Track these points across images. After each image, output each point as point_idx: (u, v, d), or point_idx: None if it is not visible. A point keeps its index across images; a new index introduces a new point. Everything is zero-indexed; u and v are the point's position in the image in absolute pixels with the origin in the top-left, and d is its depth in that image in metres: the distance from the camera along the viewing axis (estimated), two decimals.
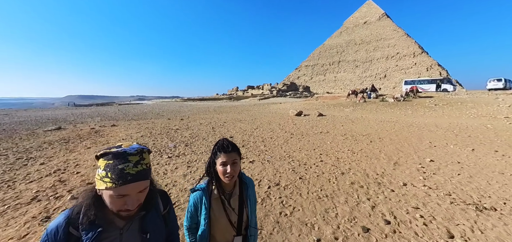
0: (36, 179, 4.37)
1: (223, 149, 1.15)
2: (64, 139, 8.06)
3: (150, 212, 0.93)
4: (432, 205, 2.95)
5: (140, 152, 0.84)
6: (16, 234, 2.57)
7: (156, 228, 0.95)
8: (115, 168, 0.77)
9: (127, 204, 0.80)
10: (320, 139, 7.60)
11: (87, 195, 0.84)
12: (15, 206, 3.26)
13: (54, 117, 16.54)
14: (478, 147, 6.03)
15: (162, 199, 1.03)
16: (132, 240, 0.88)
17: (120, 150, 0.81)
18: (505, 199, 3.07)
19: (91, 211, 0.81)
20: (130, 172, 0.78)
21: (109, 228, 0.84)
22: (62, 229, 0.80)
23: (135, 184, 0.79)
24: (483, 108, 16.48)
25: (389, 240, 2.25)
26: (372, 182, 3.75)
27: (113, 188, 0.76)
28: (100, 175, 0.79)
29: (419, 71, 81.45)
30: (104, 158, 0.80)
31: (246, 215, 1.26)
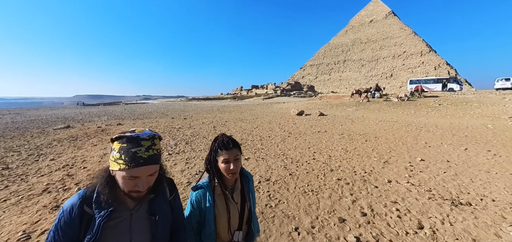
0: (46, 173, 4.72)
1: (224, 146, 1.15)
2: (72, 137, 8.49)
3: (158, 196, 0.98)
4: (410, 200, 3.12)
5: (152, 138, 0.89)
6: (29, 220, 2.89)
7: (163, 212, 0.99)
8: (128, 151, 0.83)
9: (138, 185, 0.85)
10: (316, 138, 7.77)
11: (101, 175, 0.90)
12: (28, 197, 3.59)
13: (63, 116, 17.19)
14: (472, 146, 6.10)
15: (169, 186, 1.07)
16: (141, 221, 0.93)
17: (134, 134, 0.86)
18: (483, 195, 3.22)
19: (105, 190, 0.86)
20: (142, 156, 0.84)
21: (120, 208, 0.89)
22: (77, 207, 0.85)
23: (146, 167, 0.85)
24: (489, 108, 16.26)
25: (362, 230, 2.45)
26: (359, 179, 3.93)
27: (126, 170, 0.82)
28: (115, 157, 0.85)
29: (426, 71, 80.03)
30: (118, 141, 0.85)
31: (248, 209, 1.27)
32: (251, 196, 1.30)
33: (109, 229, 0.86)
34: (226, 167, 1.13)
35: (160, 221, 0.96)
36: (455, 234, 2.36)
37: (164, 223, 0.99)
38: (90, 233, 0.83)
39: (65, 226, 0.83)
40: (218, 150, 1.15)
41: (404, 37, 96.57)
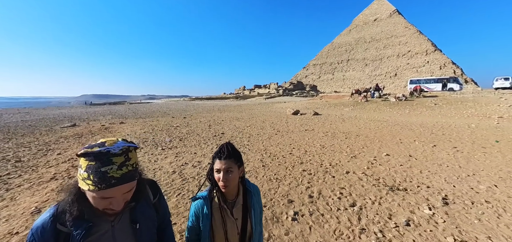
0: (54, 165, 5.41)
1: (219, 155, 1.09)
2: (77, 134, 9.24)
3: (139, 202, 0.91)
4: (357, 186, 3.66)
5: (125, 151, 0.79)
6: (39, 200, 3.54)
7: (146, 218, 0.94)
8: (97, 171, 0.73)
9: (112, 204, 0.76)
10: (301, 135, 8.31)
11: (70, 191, 0.80)
12: (39, 183, 4.27)
13: (70, 115, 18.14)
14: (442, 143, 6.55)
15: (151, 189, 1.01)
16: (124, 230, 0.87)
17: (103, 149, 0.75)
18: (421, 183, 3.73)
19: (74, 207, 0.77)
20: (114, 176, 0.74)
21: (99, 221, 0.82)
22: (49, 226, 0.77)
23: (119, 187, 0.76)
24: (483, 108, 16.45)
25: (303, 207, 3.01)
26: (322, 170, 4.48)
27: (96, 191, 0.73)
28: (82, 176, 0.75)
29: (431, 70, 79.21)
30: (85, 157, 0.74)
31: (250, 226, 1.19)
32: (254, 212, 1.21)
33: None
34: (217, 176, 1.09)
35: (144, 228, 0.91)
36: (377, 211, 2.89)
37: (148, 228, 0.94)
38: None
39: None
40: (214, 157, 1.11)
41: (409, 36, 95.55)
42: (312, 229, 2.55)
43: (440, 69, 77.50)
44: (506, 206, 2.95)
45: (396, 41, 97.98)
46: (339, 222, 2.66)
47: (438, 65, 79.56)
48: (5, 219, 2.98)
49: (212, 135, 8.85)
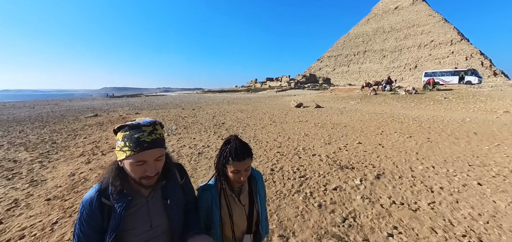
0: (81, 146, 6.71)
1: (237, 156, 1.08)
2: (99, 123, 10.72)
3: (169, 181, 1.03)
4: (314, 165, 4.45)
5: (152, 124, 0.92)
6: (73, 168, 4.75)
7: (175, 196, 1.05)
8: (131, 137, 0.86)
9: (146, 170, 0.88)
10: (293, 125, 9.08)
11: (111, 168, 0.95)
12: (71, 157, 5.52)
13: (92, 106, 20.19)
14: (419, 135, 7.03)
15: (179, 171, 1.13)
16: (157, 206, 0.99)
17: (135, 122, 0.90)
18: (370, 164, 4.44)
19: (116, 181, 0.91)
20: (146, 140, 0.86)
21: (136, 196, 0.95)
22: (95, 200, 0.90)
23: (151, 151, 0.87)
24: (494, 102, 15.98)
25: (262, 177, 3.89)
26: (293, 153, 5.30)
27: (132, 155, 0.85)
28: (119, 146, 0.88)
29: (456, 61, 74.47)
30: (121, 130, 0.89)
31: (256, 211, 1.24)
32: (259, 197, 1.26)
33: (130, 216, 0.92)
34: (235, 177, 1.11)
35: (173, 204, 1.02)
36: (318, 181, 3.70)
37: (177, 206, 1.05)
38: (113, 222, 0.89)
39: (88, 218, 0.89)
40: (229, 158, 1.09)
41: (433, 24, 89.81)
42: None
43: (466, 61, 72.57)
44: (425, 180, 3.63)
45: (418, 30, 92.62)
46: (284, 186, 3.53)
47: (463, 56, 74.49)
48: (52, 178, 4.19)
49: (213, 124, 9.89)
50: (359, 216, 2.67)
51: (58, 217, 2.87)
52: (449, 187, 3.41)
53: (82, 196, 3.49)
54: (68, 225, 2.70)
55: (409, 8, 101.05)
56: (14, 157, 5.61)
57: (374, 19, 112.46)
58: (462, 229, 2.42)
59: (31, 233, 2.57)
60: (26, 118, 12.66)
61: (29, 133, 8.59)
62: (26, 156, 5.69)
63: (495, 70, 67.45)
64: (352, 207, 2.88)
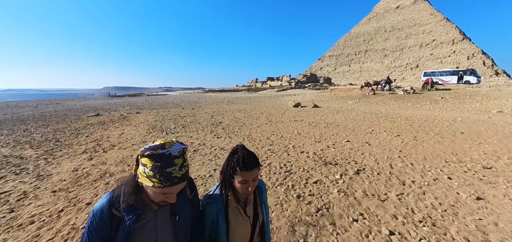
0: (83, 144, 7.06)
1: (245, 166, 1.06)
2: (101, 122, 11.08)
3: (179, 197, 1.01)
4: (301, 161, 4.76)
5: (182, 153, 0.92)
6: (76, 164, 5.09)
7: (184, 211, 1.06)
8: (163, 171, 0.86)
9: (168, 198, 0.90)
10: (288, 125, 9.38)
11: (128, 183, 0.95)
12: (74, 154, 5.87)
13: (94, 106, 20.61)
14: (406, 134, 7.31)
15: (189, 186, 1.12)
16: (165, 221, 1.00)
17: (166, 152, 0.88)
18: (353, 161, 4.73)
19: (131, 198, 0.92)
20: (177, 176, 0.88)
21: (146, 210, 0.96)
22: (106, 210, 0.92)
23: (179, 185, 0.91)
24: (490, 102, 16.17)
25: None
26: (282, 150, 5.62)
27: (160, 188, 0.87)
28: (148, 174, 0.87)
29: (458, 61, 74.29)
30: (151, 159, 0.86)
31: (262, 221, 1.25)
32: (265, 209, 1.28)
33: (138, 229, 0.93)
34: (243, 187, 1.08)
35: (181, 221, 1.04)
36: (302, 175, 4.01)
37: (185, 222, 1.06)
38: (121, 234, 0.91)
39: (97, 227, 0.91)
40: (237, 168, 1.07)
41: (434, 24, 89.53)
42: None
43: (467, 60, 72.39)
44: (400, 176, 3.93)
45: (419, 29, 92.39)
46: (269, 179, 3.84)
47: (465, 56, 74.27)
48: (56, 173, 4.53)
49: (211, 123, 10.22)
50: (332, 207, 2.97)
51: (64, 206, 3.20)
52: (420, 181, 3.70)
53: (84, 188, 3.82)
54: (73, 212, 3.03)
55: (410, 7, 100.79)
56: (20, 154, 5.97)
57: (376, 18, 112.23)
58: (420, 216, 2.71)
59: (40, 219, 2.90)
60: (29, 118, 13.03)
61: (33, 132, 8.96)
62: (31, 153, 6.04)
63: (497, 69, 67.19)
64: (328, 199, 3.19)
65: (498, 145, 5.70)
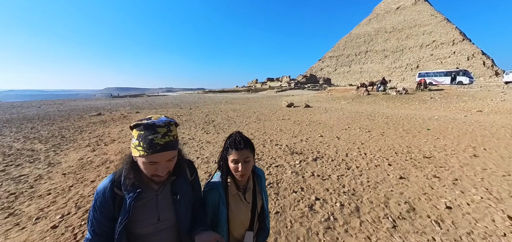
0: (87, 139, 7.90)
1: (235, 145, 1.15)
2: (102, 121, 11.96)
3: (179, 177, 1.08)
4: (272, 151, 5.55)
5: (167, 124, 0.95)
6: (81, 154, 5.93)
7: (184, 192, 1.10)
8: (146, 138, 0.89)
9: (157, 170, 0.93)
10: (274, 123, 10.17)
11: (125, 161, 1.01)
12: (78, 148, 6.71)
13: (96, 106, 21.57)
14: (377, 130, 8.06)
15: (189, 168, 1.17)
16: (166, 200, 1.04)
17: (150, 121, 0.92)
18: (316, 151, 5.52)
19: (130, 174, 0.97)
20: (159, 142, 0.90)
21: (146, 190, 1.00)
22: (108, 189, 0.97)
23: (163, 153, 0.91)
24: (475, 102, 16.81)
25: None
26: (261, 143, 6.42)
27: (145, 156, 0.90)
28: (134, 144, 0.92)
29: (458, 61, 74.66)
30: (136, 128, 0.92)
31: (262, 207, 1.31)
32: (264, 196, 1.33)
33: (139, 208, 0.98)
34: (234, 167, 1.15)
35: (182, 200, 1.07)
36: (267, 161, 4.80)
37: (186, 202, 1.10)
38: (123, 212, 0.95)
39: (101, 205, 0.96)
40: (229, 148, 1.17)
41: (435, 24, 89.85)
42: None
43: (468, 60, 72.78)
44: (349, 162, 4.70)
45: (420, 30, 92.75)
46: None
47: (465, 56, 74.61)
48: (65, 162, 5.38)
49: (204, 121, 11.05)
50: (281, 183, 3.77)
51: (73, 183, 4.03)
52: (364, 166, 4.48)
53: (89, 171, 4.65)
54: (80, 186, 3.86)
55: (411, 8, 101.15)
56: (31, 147, 6.82)
57: (376, 19, 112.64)
58: (346, 189, 3.49)
59: (55, 191, 3.72)
60: (35, 117, 13.86)
61: (40, 129, 9.82)
62: (41, 147, 6.89)
63: (497, 70, 67.43)
64: (281, 177, 3.98)
65: (452, 140, 6.45)
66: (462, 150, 5.43)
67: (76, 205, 3.24)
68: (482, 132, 7.44)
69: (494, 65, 69.72)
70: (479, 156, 4.93)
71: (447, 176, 3.91)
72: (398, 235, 2.40)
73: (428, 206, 2.94)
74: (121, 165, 1.03)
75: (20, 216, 2.97)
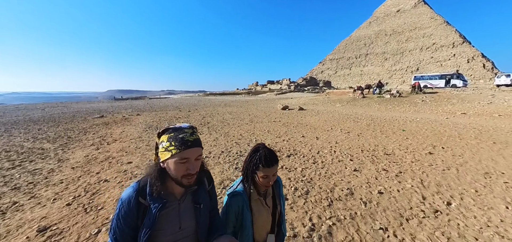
0: (91, 139, 8.70)
1: (266, 163, 1.21)
2: (105, 123, 12.79)
3: (200, 187, 1.14)
4: None
5: (191, 127, 1.05)
6: (87, 152, 6.71)
7: (204, 201, 1.15)
8: (177, 137, 0.98)
9: (189, 168, 0.98)
10: (264, 125, 10.91)
11: (152, 169, 1.04)
12: (84, 146, 7.51)
13: (99, 108, 22.49)
14: (356, 131, 8.77)
15: (207, 178, 1.22)
16: (188, 209, 1.09)
17: (177, 126, 1.03)
18: (292, 148, 6.25)
19: (157, 182, 1.00)
20: (189, 139, 0.99)
21: (170, 198, 1.05)
22: (133, 199, 1.00)
23: (194, 149, 0.99)
24: (463, 104, 17.40)
25: (218, 154, 5.75)
26: (246, 143, 7.16)
27: (178, 153, 0.96)
28: (165, 146, 0.98)
29: (458, 63, 75.03)
30: (165, 133, 1.01)
31: (279, 213, 1.40)
32: (282, 200, 1.43)
33: (163, 217, 1.01)
34: (264, 181, 1.23)
35: (203, 209, 1.13)
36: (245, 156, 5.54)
37: (206, 211, 1.15)
38: (147, 221, 0.98)
39: (125, 215, 0.99)
40: (259, 164, 1.22)
41: (435, 27, 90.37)
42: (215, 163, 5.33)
43: (467, 63, 73.20)
44: (317, 158, 5.42)
45: (420, 33, 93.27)
46: (223, 160, 5.39)
47: (465, 59, 74.99)
48: (73, 158, 6.17)
49: (199, 123, 11.82)
50: None
51: (81, 175, 4.80)
52: (328, 161, 5.20)
53: (94, 165, 5.42)
54: (87, 177, 4.63)
55: (411, 11, 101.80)
56: (41, 146, 7.62)
57: (376, 22, 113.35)
58: (305, 179, 4.23)
59: (66, 181, 4.50)
60: (40, 119, 14.54)
61: (47, 130, 10.62)
62: (49, 146, 7.69)
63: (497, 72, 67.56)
64: None
65: (419, 140, 7.14)
66: (422, 148, 6.13)
67: (84, 190, 4.01)
68: (451, 132, 8.12)
69: (494, 67, 69.98)
70: (434, 154, 5.63)
71: (395, 169, 4.63)
72: (330, 210, 3.12)
73: (365, 192, 3.65)
74: (146, 173, 1.06)
75: (40, 198, 3.74)
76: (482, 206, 3.21)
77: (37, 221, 3.03)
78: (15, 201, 3.61)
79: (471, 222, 2.84)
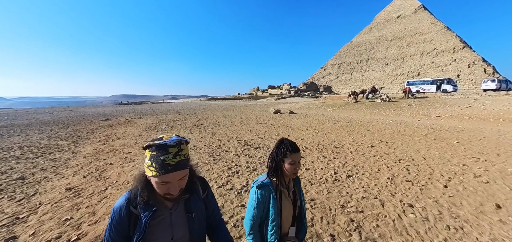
0: (98, 137, 10.16)
1: (294, 149, 1.34)
2: (110, 125, 14.31)
3: (192, 195, 1.12)
4: (232, 144, 7.61)
5: (178, 144, 0.99)
6: (95, 147, 8.15)
7: (198, 209, 1.14)
8: (158, 159, 0.94)
9: (169, 189, 0.97)
10: (251, 126, 12.23)
11: (139, 179, 1.04)
12: (92, 143, 8.96)
13: (103, 112, 24.16)
14: (327, 131, 10.04)
15: (201, 185, 1.20)
16: (180, 218, 1.08)
17: (162, 142, 0.96)
18: (264, 144, 7.55)
19: (144, 192, 1.01)
20: (171, 163, 0.94)
21: (161, 207, 1.04)
22: (124, 208, 1.02)
23: (174, 173, 0.96)
24: (444, 108, 18.37)
25: (207, 150, 7.10)
26: (229, 140, 8.50)
27: (157, 176, 0.94)
28: (147, 164, 0.97)
29: (459, 68, 75.52)
30: (149, 149, 0.97)
31: (299, 207, 1.49)
32: (301, 196, 1.53)
33: (154, 226, 1.01)
34: (291, 168, 1.33)
35: (196, 218, 1.12)
36: (224, 148, 6.87)
37: (199, 219, 1.15)
38: (138, 230, 0.99)
39: (117, 224, 1.01)
40: (287, 152, 1.34)
41: (435, 32, 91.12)
42: (206, 159, 6.68)
43: (468, 67, 73.60)
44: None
45: (420, 38, 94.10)
46: (206, 153, 6.73)
47: (466, 64, 75.40)
48: (84, 151, 7.60)
49: (194, 125, 13.23)
50: (223, 159, 5.84)
51: (92, 161, 6.22)
52: None
53: (101, 155, 6.82)
54: (96, 162, 6.04)
55: (411, 17, 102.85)
56: (55, 143, 9.07)
57: (377, 27, 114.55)
58: (258, 161, 5.54)
59: (80, 165, 5.91)
60: (50, 121, 15.57)
61: (58, 131, 12.01)
62: (63, 143, 9.14)
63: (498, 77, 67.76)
64: (225, 157, 6.07)
65: (371, 137, 8.38)
66: (368, 143, 7.39)
67: (95, 169, 5.44)
68: (406, 131, 9.34)
69: (495, 72, 70.16)
70: (375, 146, 6.90)
71: (332, 156, 5.92)
72: None
73: None
74: (135, 183, 1.06)
75: (63, 174, 5.15)
76: (373, 178, 4.49)
77: (64, 185, 4.43)
78: (45, 176, 5.03)
79: (357, 190, 4.13)
